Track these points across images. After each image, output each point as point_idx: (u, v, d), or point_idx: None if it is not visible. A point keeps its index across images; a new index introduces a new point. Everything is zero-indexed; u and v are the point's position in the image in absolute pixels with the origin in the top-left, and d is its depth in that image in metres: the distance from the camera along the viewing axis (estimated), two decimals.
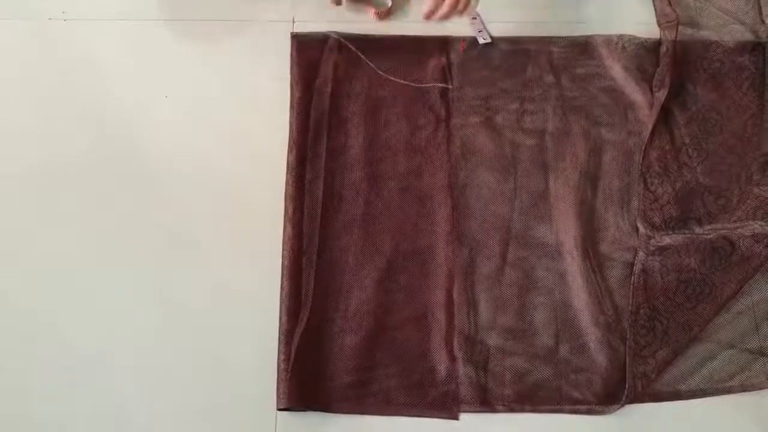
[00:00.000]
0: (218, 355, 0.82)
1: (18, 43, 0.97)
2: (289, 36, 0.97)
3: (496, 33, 0.98)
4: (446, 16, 0.83)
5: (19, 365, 0.82)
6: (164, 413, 0.80)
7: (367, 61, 0.95)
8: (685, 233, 0.87)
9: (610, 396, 0.80)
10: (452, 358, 0.82)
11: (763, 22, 0.99)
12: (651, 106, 0.94)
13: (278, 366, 0.80)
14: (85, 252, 0.86)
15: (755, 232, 0.85)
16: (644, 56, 0.97)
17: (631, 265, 0.87)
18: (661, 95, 0.93)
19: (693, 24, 0.99)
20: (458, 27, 0.98)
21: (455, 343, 0.83)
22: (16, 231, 0.88)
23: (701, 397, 0.81)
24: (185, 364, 0.82)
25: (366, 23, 0.99)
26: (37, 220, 0.88)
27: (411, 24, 0.99)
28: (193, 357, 0.82)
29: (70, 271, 0.86)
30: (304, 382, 0.80)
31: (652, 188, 0.90)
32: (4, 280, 0.85)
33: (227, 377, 0.81)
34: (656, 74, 0.96)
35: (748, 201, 0.88)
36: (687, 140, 0.93)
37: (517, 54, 0.98)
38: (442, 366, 0.82)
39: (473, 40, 0.97)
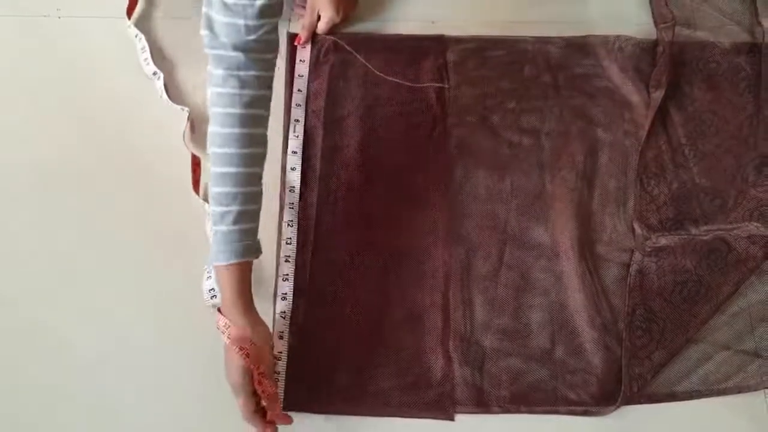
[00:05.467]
0: (215, 354, 0.81)
1: (12, 41, 0.96)
2: (285, 35, 0.96)
3: (494, 33, 0.98)
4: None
5: (18, 365, 0.81)
6: (161, 413, 0.80)
7: (363, 60, 0.95)
8: (681, 234, 0.87)
9: (606, 397, 0.80)
10: (448, 359, 0.82)
11: (759, 23, 0.99)
12: (648, 106, 0.94)
13: None
14: (82, 251, 0.86)
15: (751, 233, 0.85)
16: (641, 57, 0.97)
17: (628, 266, 0.87)
18: (658, 96, 0.93)
19: (689, 25, 0.99)
20: (454, 29, 0.98)
21: (451, 343, 0.83)
22: (12, 230, 0.87)
23: (697, 398, 0.81)
24: (183, 364, 0.81)
25: (362, 23, 0.98)
26: (33, 219, 0.87)
27: (407, 23, 0.99)
28: (190, 357, 0.82)
29: (67, 270, 0.85)
30: (299, 384, 0.80)
31: (649, 189, 0.90)
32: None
33: (224, 378, 0.81)
34: (653, 75, 0.96)
35: (744, 202, 0.88)
36: (683, 141, 0.93)
37: (514, 53, 0.98)
38: (437, 367, 0.82)
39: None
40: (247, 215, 0.71)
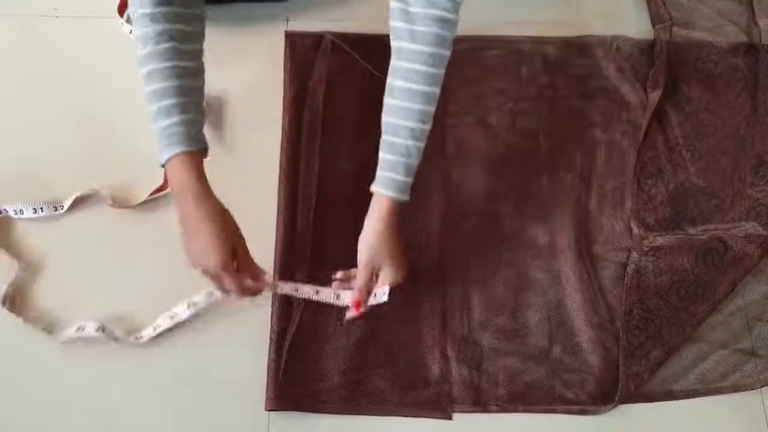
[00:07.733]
0: (212, 353, 0.82)
1: (10, 40, 0.96)
2: (283, 35, 0.97)
3: (492, 33, 0.98)
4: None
5: (17, 365, 0.81)
6: (156, 411, 0.79)
7: (362, 60, 0.95)
8: (678, 234, 0.87)
9: (603, 396, 0.81)
10: (445, 358, 0.82)
11: (756, 23, 0.99)
12: (645, 106, 0.94)
13: (268, 366, 0.80)
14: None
15: (748, 232, 0.85)
16: (638, 57, 0.98)
17: (625, 265, 0.87)
18: (655, 96, 0.93)
19: (687, 25, 0.99)
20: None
21: (448, 343, 0.83)
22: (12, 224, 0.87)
23: (694, 397, 0.81)
24: (178, 362, 0.81)
25: (361, 23, 0.98)
26: (33, 219, 0.87)
27: None
28: (186, 356, 0.81)
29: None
30: (295, 384, 0.79)
31: (646, 189, 0.91)
32: None
33: (221, 376, 0.81)
34: (650, 75, 0.96)
35: (741, 202, 0.89)
36: (681, 141, 0.93)
37: (511, 54, 0.98)
38: (435, 366, 0.82)
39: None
40: (180, 107, 0.69)
